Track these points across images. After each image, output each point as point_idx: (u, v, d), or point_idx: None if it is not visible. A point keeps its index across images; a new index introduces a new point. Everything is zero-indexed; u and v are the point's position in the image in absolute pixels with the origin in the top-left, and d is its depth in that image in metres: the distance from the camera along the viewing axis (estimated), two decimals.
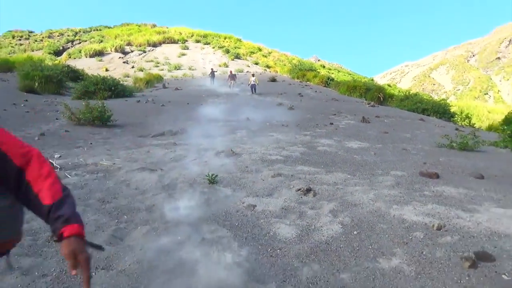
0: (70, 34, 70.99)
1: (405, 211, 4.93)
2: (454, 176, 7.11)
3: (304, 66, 50.97)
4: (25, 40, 67.67)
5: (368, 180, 6.64)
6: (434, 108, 23.44)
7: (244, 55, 63.07)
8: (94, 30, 75.21)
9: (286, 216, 4.93)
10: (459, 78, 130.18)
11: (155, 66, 51.13)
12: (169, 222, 4.72)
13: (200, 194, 5.79)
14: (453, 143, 10.56)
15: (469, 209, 5.01)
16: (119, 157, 8.30)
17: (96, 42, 63.07)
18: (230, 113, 17.03)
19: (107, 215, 4.92)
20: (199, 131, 12.20)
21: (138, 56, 57.15)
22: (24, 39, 68.16)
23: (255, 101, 23.05)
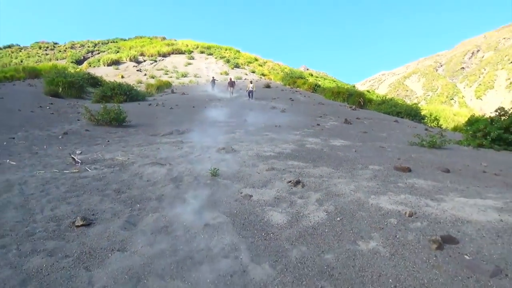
0: (90, 45, 70.52)
1: (382, 201, 4.93)
2: (424, 170, 7.12)
3: (294, 74, 50.90)
4: (50, 50, 67.24)
5: (350, 174, 6.64)
6: (407, 111, 23.48)
7: (242, 64, 62.88)
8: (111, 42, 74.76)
9: (278, 205, 4.93)
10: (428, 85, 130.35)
11: (164, 73, 50.89)
12: (176, 210, 4.71)
13: (204, 185, 5.78)
14: (423, 141, 10.58)
15: (437, 198, 5.02)
16: (132, 153, 8.27)
17: (113, 53, 62.74)
18: (229, 115, 17.02)
19: (122, 204, 4.91)
20: (202, 131, 12.18)
21: (150, 65, 56.85)
22: (49, 49, 67.70)
23: (252, 105, 23.03)
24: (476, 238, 3.72)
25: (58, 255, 3.49)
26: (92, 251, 3.59)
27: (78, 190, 5.44)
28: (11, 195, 5.08)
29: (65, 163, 7.16)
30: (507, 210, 4.48)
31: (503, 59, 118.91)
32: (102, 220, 4.33)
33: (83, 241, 3.80)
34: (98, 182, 5.86)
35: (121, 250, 3.62)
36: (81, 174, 6.36)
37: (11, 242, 3.72)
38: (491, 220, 4.14)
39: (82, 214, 4.46)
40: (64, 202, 4.87)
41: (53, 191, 5.34)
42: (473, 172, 7.12)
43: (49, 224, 4.17)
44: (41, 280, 3.08)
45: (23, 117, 12.66)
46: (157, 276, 3.18)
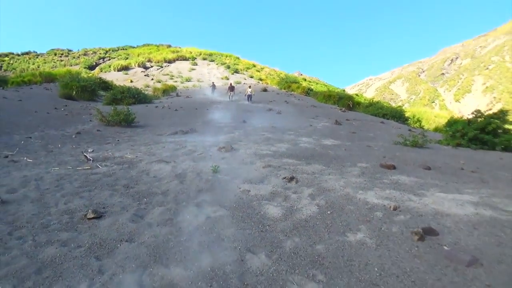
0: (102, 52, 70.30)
1: (368, 195, 4.93)
2: (407, 167, 7.12)
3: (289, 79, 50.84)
4: (65, 57, 67.01)
5: (340, 171, 6.64)
6: (392, 113, 23.47)
7: (241, 70, 62.79)
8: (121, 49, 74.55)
9: (274, 199, 4.92)
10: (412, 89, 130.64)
11: (170, 78, 50.79)
12: (180, 203, 4.70)
13: (205, 181, 5.76)
14: (406, 141, 10.58)
15: (419, 193, 5.02)
16: (140, 152, 8.25)
17: (122, 59, 62.57)
18: (229, 117, 16.99)
19: (130, 198, 4.89)
20: (204, 131, 12.16)
21: (156, 70, 56.71)
22: (64, 56, 67.48)
23: (250, 107, 23.00)
24: (454, 230, 3.72)
25: (71, 246, 3.47)
26: (102, 242, 3.57)
27: (90, 185, 5.42)
28: (28, 190, 5.06)
29: (78, 160, 7.13)
30: (483, 204, 4.49)
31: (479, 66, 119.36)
32: (112, 213, 4.32)
33: (94, 233, 3.78)
34: (108, 178, 5.84)
35: (129, 241, 3.61)
36: (93, 170, 6.34)
37: (27, 233, 3.71)
38: (468, 213, 4.15)
39: (93, 207, 4.44)
40: (77, 197, 4.85)
41: (67, 186, 5.32)
42: (452, 169, 7.13)
43: (63, 217, 4.15)
44: (55, 269, 3.07)
45: (40, 118, 12.60)
46: (162, 265, 3.17)
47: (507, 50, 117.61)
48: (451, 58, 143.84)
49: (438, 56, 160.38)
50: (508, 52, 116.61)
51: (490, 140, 10.99)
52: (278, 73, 67.23)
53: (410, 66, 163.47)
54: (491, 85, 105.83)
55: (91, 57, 66.85)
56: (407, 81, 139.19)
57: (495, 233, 3.62)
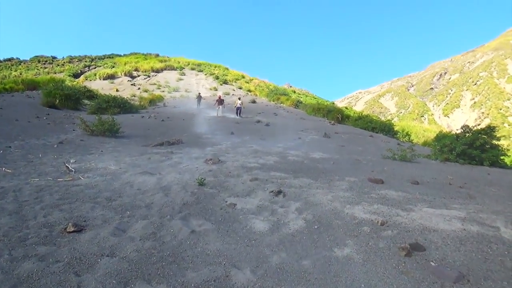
0: (87, 60, 69.83)
1: (356, 210, 4.96)
2: (395, 182, 7.19)
3: (278, 91, 51.31)
4: (49, 64, 66.27)
5: (328, 184, 6.67)
6: (381, 127, 23.73)
7: (230, 81, 63.01)
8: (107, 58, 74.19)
9: (260, 213, 4.91)
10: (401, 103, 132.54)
11: (157, 88, 50.67)
12: (164, 217, 4.66)
13: (191, 194, 5.73)
14: (395, 155, 10.70)
15: (406, 208, 5.07)
16: (124, 163, 8.18)
17: (108, 68, 62.22)
18: (217, 128, 17.00)
19: (112, 211, 4.83)
20: (191, 142, 12.13)
21: (143, 79, 56.55)
22: (48, 63, 66.74)
23: (238, 118, 23.08)
24: (442, 245, 3.76)
25: (49, 260, 3.40)
26: (82, 257, 3.51)
27: (70, 197, 5.34)
28: (5, 202, 4.96)
29: (59, 171, 7.03)
30: (470, 220, 4.55)
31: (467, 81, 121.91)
32: (93, 227, 4.26)
33: (74, 247, 3.72)
34: (91, 190, 5.77)
35: (110, 256, 3.56)
36: (74, 182, 6.26)
37: (3, 247, 3.62)
38: (455, 229, 4.20)
39: (74, 220, 4.37)
40: (56, 209, 4.77)
41: (46, 198, 5.23)
42: (440, 184, 7.22)
43: (42, 230, 4.08)
44: (31, 285, 3.00)
45: (21, 127, 12.42)
46: (144, 281, 3.12)
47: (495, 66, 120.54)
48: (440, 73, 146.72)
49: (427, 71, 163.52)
50: (496, 68, 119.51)
51: (477, 155, 11.18)
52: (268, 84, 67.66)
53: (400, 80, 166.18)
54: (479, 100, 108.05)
55: (76, 65, 66.34)
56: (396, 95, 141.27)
57: (482, 249, 3.67)
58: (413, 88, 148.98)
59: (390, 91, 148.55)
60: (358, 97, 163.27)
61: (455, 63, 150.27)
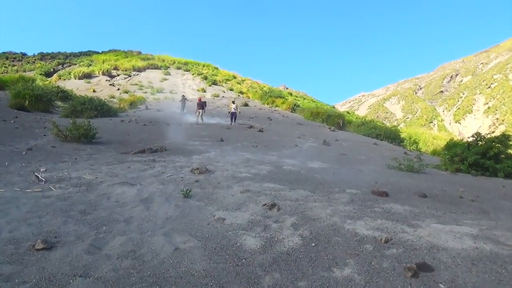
0: (61, 57, 69.56)
1: (358, 226, 4.98)
2: (401, 194, 7.24)
3: (273, 93, 51.46)
4: (18, 61, 65.90)
5: (326, 197, 6.70)
6: (386, 134, 23.92)
7: (220, 82, 63.21)
8: (83, 55, 74.03)
9: (252, 229, 4.91)
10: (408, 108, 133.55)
11: (139, 89, 50.65)
12: (145, 233, 4.64)
13: (175, 207, 5.72)
14: (401, 165, 10.79)
15: (413, 224, 5.10)
16: (101, 172, 8.14)
17: (85, 66, 62.11)
18: (205, 134, 17.00)
19: (87, 226, 4.80)
20: (176, 150, 12.10)
21: (123, 79, 56.50)
22: (17, 60, 66.39)
23: (229, 123, 23.11)
24: (451, 266, 3.79)
25: (15, 281, 3.37)
26: (52, 277, 3.48)
27: (40, 210, 5.30)
28: None
29: (28, 181, 6.97)
30: (483, 237, 4.59)
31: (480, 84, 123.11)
32: (65, 243, 4.22)
33: (43, 266, 3.68)
34: (63, 202, 5.73)
35: (84, 276, 3.53)
36: (45, 193, 6.21)
37: None
38: (466, 247, 4.23)
39: (43, 236, 4.33)
40: (24, 223, 4.73)
41: (13, 211, 5.18)
42: (450, 198, 7.28)
43: (7, 247, 4.04)
44: None
45: None
46: None
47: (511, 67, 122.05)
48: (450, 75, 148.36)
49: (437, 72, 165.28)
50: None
51: (491, 166, 11.29)
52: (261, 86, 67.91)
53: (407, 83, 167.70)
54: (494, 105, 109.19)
55: (48, 62, 66.04)
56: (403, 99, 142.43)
57: (496, 270, 3.70)
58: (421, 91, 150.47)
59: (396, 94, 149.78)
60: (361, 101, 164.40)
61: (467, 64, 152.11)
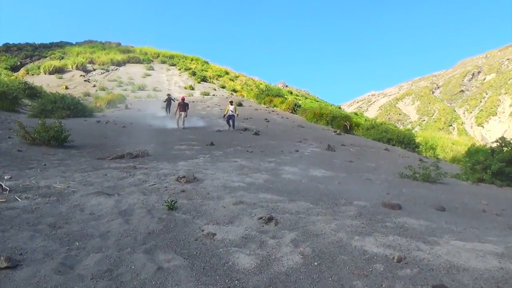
0: (29, 49, 69.43)
1: (367, 242, 4.98)
2: (416, 207, 7.26)
3: (271, 91, 51.47)
4: None
5: (331, 210, 6.70)
6: (399, 138, 23.97)
7: (211, 78, 63.30)
8: (55, 46, 73.94)
9: (246, 246, 4.90)
10: (424, 109, 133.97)
11: (118, 85, 50.61)
12: (124, 250, 4.62)
13: (158, 221, 5.70)
14: (416, 174, 10.80)
15: (430, 241, 5.11)
16: (74, 180, 8.11)
17: (56, 59, 62.01)
18: (193, 137, 16.99)
19: (57, 241, 4.77)
20: (160, 155, 12.10)
21: (100, 75, 56.48)
22: None
23: (220, 124, 23.09)
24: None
25: None
26: None
27: (4, 224, 5.26)
28: None
29: None
30: (509, 256, 4.59)
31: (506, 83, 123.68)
32: (32, 261, 4.20)
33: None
34: (30, 215, 5.70)
35: None
36: (9, 204, 6.17)
37: None
38: (490, 268, 4.24)
39: (7, 253, 4.31)
40: None
41: None
42: (471, 211, 7.31)
43: None
44: None
45: None
46: None
47: None
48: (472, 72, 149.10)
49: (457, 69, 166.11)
50: None
51: None
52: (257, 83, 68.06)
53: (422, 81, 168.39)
54: None
55: (14, 54, 65.84)
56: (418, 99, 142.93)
57: None
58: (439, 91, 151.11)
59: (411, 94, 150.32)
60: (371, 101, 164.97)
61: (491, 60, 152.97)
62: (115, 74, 57.48)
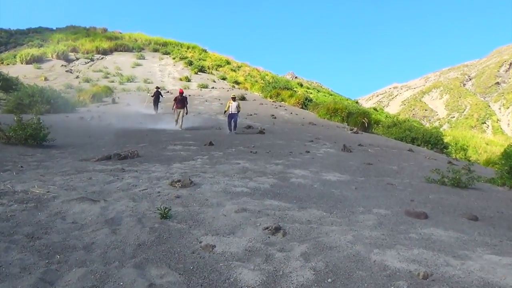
0: (4, 35, 69.75)
1: (388, 256, 4.97)
2: (444, 216, 7.24)
3: (278, 83, 51.42)
4: None
5: (347, 219, 6.70)
6: (425, 138, 23.89)
7: (209, 68, 63.33)
8: (32, 33, 74.22)
9: (250, 259, 4.90)
10: (453, 103, 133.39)
11: (104, 77, 50.76)
12: (111, 263, 4.63)
13: (150, 231, 5.71)
14: (444, 178, 10.75)
15: (460, 255, 5.10)
16: (54, 184, 8.13)
17: (35, 47, 62.22)
18: (189, 136, 17.00)
19: (36, 254, 4.79)
20: (152, 156, 12.11)
21: (84, 64, 56.68)
22: None
23: (220, 122, 23.08)
24: None
25: None
26: None
27: None
28: None
29: None
30: None
31: None
32: (7, 277, 4.22)
33: None
34: (4, 223, 5.72)
35: None
36: None
37: None
38: None
39: None
40: None
41: None
42: (508, 221, 7.28)
43: None
44: None
45: None
46: None
47: None
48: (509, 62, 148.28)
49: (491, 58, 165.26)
50: None
51: None
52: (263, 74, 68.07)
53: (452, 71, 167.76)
54: None
55: None
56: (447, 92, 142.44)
57: None
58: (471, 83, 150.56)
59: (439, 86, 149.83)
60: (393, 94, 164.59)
61: None
62: (100, 64, 57.64)
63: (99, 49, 63.07)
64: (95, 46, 63.18)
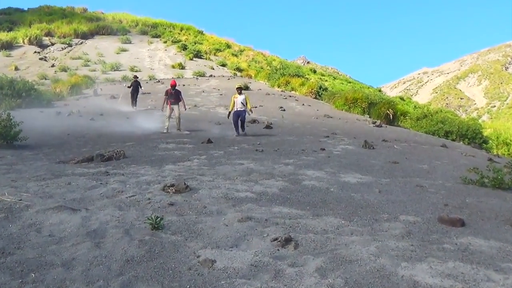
0: None
1: (418, 271, 4.96)
2: (484, 223, 7.21)
3: (288, 69, 51.32)
4: None
5: (370, 228, 6.69)
6: (461, 131, 23.79)
7: (207, 53, 63.21)
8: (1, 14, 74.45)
9: (256, 276, 4.90)
10: (494, 91, 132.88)
11: (84, 65, 50.83)
12: (95, 282, 4.65)
13: (139, 244, 5.72)
14: (484, 178, 10.69)
15: (503, 268, 5.07)
16: (28, 191, 8.16)
17: (3, 31, 62.39)
18: (184, 132, 16.99)
19: (7, 273, 4.80)
20: (140, 156, 12.13)
21: (61, 51, 56.78)
22: None
23: (219, 115, 23.08)
24: None
25: None
26: None
27: None
28: None
29: None
30: None
31: None
32: None
33: None
34: None
35: None
36: None
37: None
38: None
39: None
40: None
41: None
42: None
43: None
44: None
45: None
46: None
47: None
48: None
49: None
50: None
51: None
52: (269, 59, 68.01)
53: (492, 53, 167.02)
54: None
55: None
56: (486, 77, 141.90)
57: None
58: None
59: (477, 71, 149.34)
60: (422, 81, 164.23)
61: None
62: (80, 49, 57.76)
63: (78, 32, 63.12)
64: (73, 29, 63.21)
